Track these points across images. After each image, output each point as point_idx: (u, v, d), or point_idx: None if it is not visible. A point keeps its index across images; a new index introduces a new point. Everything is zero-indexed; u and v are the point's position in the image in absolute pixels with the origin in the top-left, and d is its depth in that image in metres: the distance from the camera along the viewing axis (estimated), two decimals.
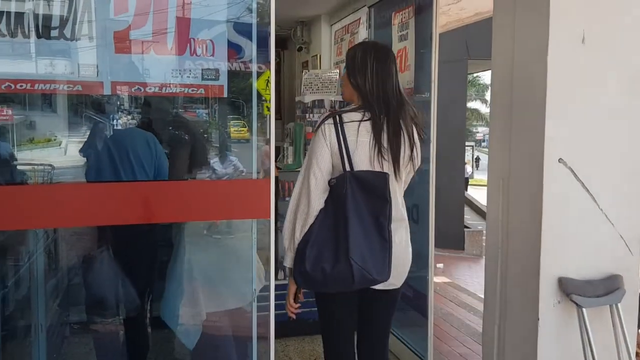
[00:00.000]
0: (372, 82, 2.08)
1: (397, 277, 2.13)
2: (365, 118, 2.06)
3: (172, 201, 2.19)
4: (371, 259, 1.97)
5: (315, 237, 1.99)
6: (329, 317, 2.21)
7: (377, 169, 2.04)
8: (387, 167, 2.07)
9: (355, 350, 2.26)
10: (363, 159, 2.04)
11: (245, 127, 2.81)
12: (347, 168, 2.01)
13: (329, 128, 2.04)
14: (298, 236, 2.02)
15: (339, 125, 2.03)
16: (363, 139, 2.04)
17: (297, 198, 2.06)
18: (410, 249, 2.20)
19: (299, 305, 2.16)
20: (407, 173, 2.17)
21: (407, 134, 2.10)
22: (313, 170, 2.02)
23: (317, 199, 2.01)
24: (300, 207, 2.04)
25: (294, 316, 2.16)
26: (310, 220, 2.01)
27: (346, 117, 2.06)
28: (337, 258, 1.96)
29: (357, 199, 1.99)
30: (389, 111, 2.07)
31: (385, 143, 2.05)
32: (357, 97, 2.14)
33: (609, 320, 2.37)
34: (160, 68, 2.22)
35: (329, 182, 2.02)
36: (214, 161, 2.86)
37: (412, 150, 2.12)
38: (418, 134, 2.16)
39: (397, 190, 2.13)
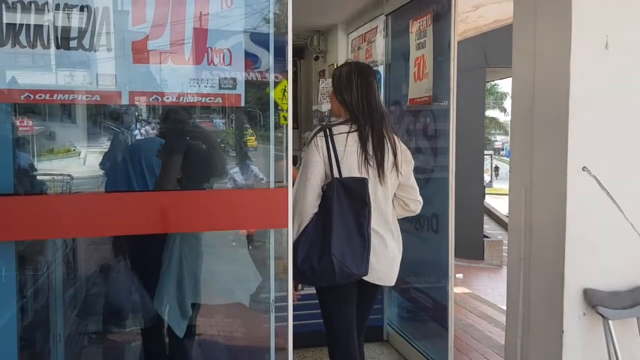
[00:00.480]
0: (357, 97, 2.34)
1: (389, 275, 2.41)
2: (352, 129, 2.32)
3: (189, 211, 2.18)
4: (350, 255, 2.23)
5: (306, 237, 2.26)
6: (331, 310, 2.42)
7: (364, 175, 2.29)
8: (373, 173, 2.31)
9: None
10: (352, 166, 2.28)
11: (254, 135, 2.85)
12: (336, 175, 2.26)
13: (320, 140, 2.29)
14: (294, 236, 2.27)
15: (329, 137, 2.29)
16: (351, 148, 2.29)
17: (294, 203, 2.27)
18: (399, 254, 2.43)
19: (298, 294, 2.46)
20: (393, 178, 2.37)
21: (389, 142, 2.35)
22: (307, 178, 2.27)
23: (310, 204, 2.26)
24: (296, 211, 2.28)
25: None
26: (305, 223, 2.26)
27: (335, 129, 2.32)
28: (322, 255, 2.22)
29: (343, 202, 2.25)
30: (373, 123, 2.33)
31: (370, 151, 2.30)
32: (344, 111, 2.40)
33: (636, 333, 2.32)
34: (178, 78, 2.22)
35: (322, 188, 2.27)
36: (235, 171, 2.86)
37: (395, 157, 2.35)
38: (399, 141, 2.41)
39: (381, 195, 2.34)
